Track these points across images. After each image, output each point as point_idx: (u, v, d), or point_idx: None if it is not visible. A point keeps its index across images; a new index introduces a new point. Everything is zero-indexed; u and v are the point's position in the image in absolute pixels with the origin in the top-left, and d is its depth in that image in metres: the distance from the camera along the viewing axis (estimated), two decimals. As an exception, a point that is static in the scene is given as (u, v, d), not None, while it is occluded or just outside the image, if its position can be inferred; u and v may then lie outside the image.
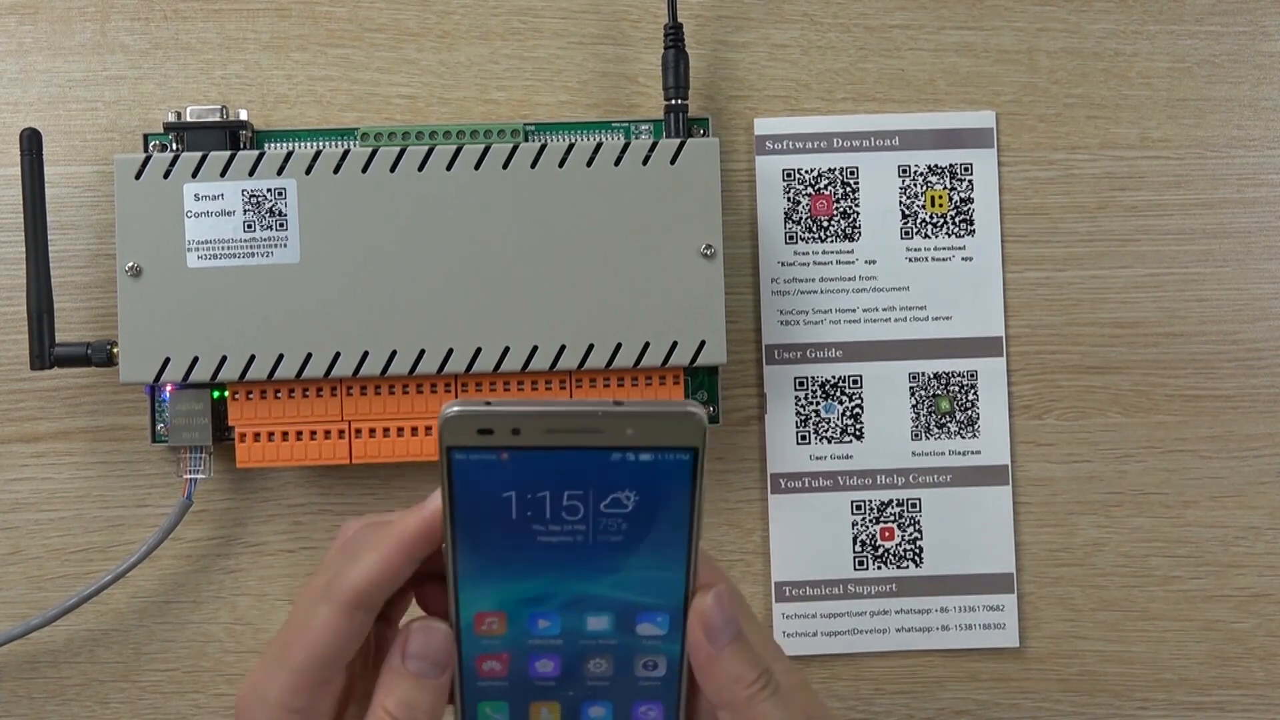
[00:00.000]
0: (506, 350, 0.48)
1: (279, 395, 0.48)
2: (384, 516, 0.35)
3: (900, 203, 0.52)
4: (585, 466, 0.32)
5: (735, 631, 0.34)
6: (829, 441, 0.52)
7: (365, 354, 0.48)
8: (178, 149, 0.49)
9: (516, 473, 0.32)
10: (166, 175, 0.47)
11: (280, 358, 0.47)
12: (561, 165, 0.48)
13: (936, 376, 0.52)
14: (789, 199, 0.52)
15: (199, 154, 0.48)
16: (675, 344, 0.48)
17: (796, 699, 0.34)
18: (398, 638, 0.34)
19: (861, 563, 0.52)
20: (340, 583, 0.33)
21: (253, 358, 0.47)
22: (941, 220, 0.52)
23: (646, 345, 0.48)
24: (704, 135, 0.51)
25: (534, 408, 0.31)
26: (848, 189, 0.52)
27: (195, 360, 0.47)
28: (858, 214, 0.52)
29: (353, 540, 0.35)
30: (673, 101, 0.50)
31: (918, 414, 0.52)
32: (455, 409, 0.31)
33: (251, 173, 0.48)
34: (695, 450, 0.32)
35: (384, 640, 0.36)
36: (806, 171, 0.52)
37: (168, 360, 0.47)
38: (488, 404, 0.31)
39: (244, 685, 0.34)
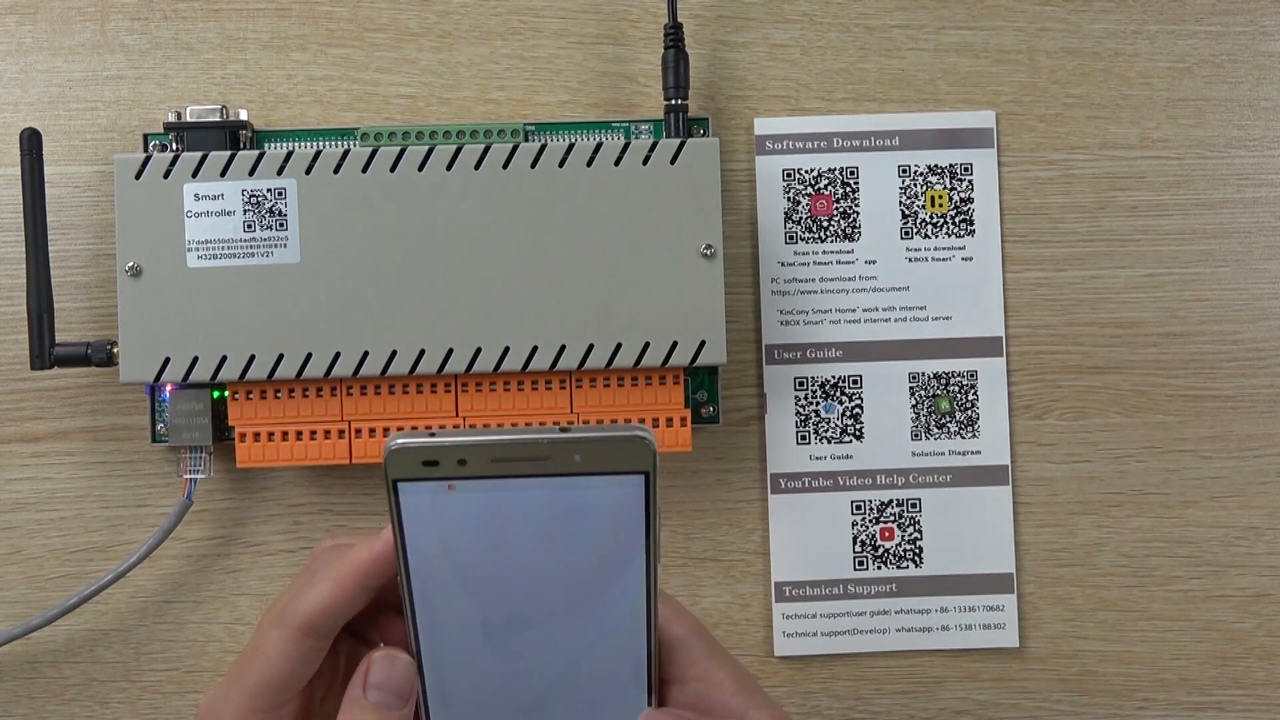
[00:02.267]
0: (506, 350, 0.48)
1: (279, 395, 0.48)
2: (352, 538, 0.35)
3: (900, 203, 0.52)
4: (534, 496, 0.31)
5: None
6: (829, 441, 0.52)
7: (365, 354, 0.48)
8: (178, 149, 0.49)
9: (464, 504, 0.31)
10: (166, 175, 0.47)
11: (280, 358, 0.47)
12: (561, 165, 0.48)
13: (936, 376, 0.52)
14: (789, 199, 0.52)
15: (199, 154, 0.48)
16: (675, 344, 0.48)
17: None
18: (359, 668, 0.33)
19: (861, 563, 0.52)
20: (294, 608, 0.33)
21: (253, 358, 0.47)
22: (941, 220, 0.52)
23: (646, 345, 0.48)
24: (704, 135, 0.51)
25: (479, 438, 0.31)
26: (848, 189, 0.52)
27: (195, 360, 0.47)
28: (858, 214, 0.52)
29: (315, 561, 0.35)
30: (673, 101, 0.50)
31: (918, 414, 0.52)
32: (399, 442, 0.31)
33: (251, 173, 0.48)
34: (646, 474, 0.31)
35: (357, 661, 0.35)
36: (806, 171, 0.52)
37: (168, 360, 0.47)
38: (432, 434, 0.31)
39: (204, 702, 0.34)
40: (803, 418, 0.52)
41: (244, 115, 0.49)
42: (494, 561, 0.32)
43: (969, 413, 0.52)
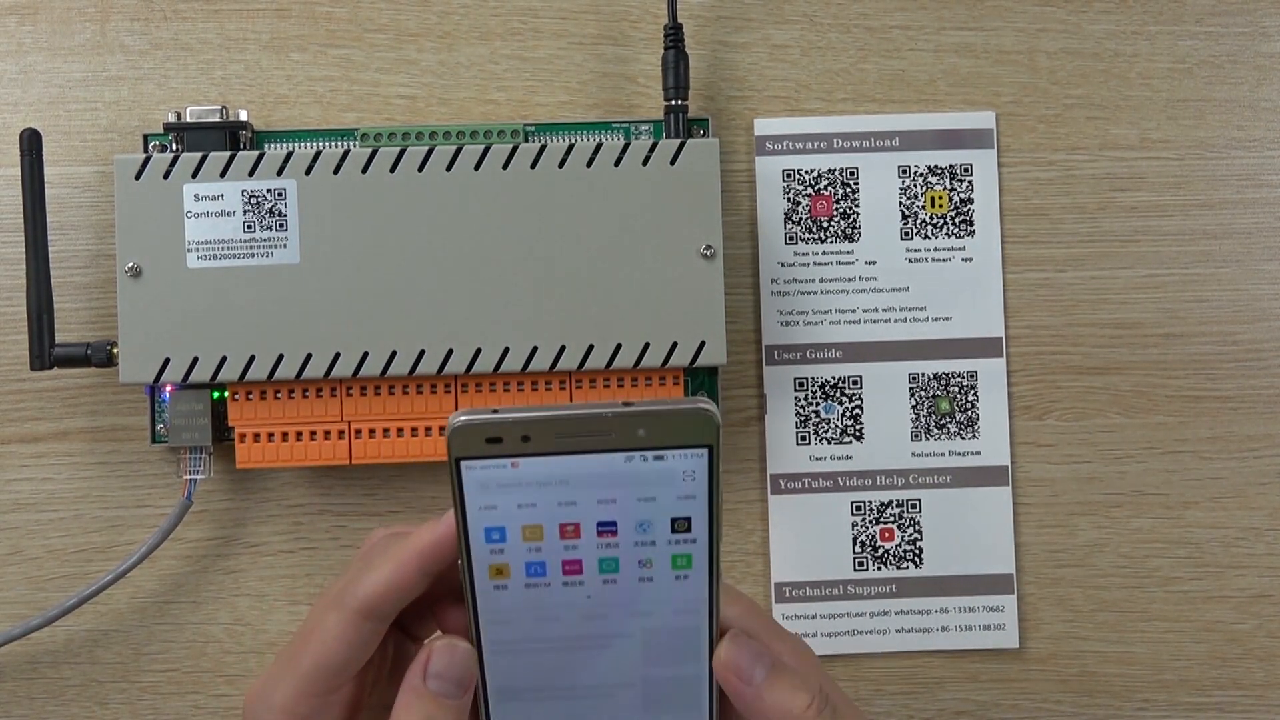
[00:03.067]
0: (506, 351, 0.48)
1: (279, 396, 0.48)
2: (407, 527, 0.34)
3: (900, 203, 0.52)
4: (599, 472, 0.31)
5: (768, 664, 0.33)
6: (829, 442, 0.52)
7: (365, 354, 0.47)
8: (177, 149, 0.49)
9: (529, 482, 0.31)
10: (166, 175, 0.47)
11: (280, 358, 0.47)
12: (561, 166, 0.48)
13: (936, 377, 0.52)
14: (789, 199, 0.52)
15: (199, 154, 0.48)
16: (675, 344, 0.48)
17: (852, 716, 0.34)
18: (419, 655, 0.33)
19: (861, 563, 0.52)
20: (352, 590, 0.33)
21: (252, 358, 0.47)
22: (941, 221, 0.52)
23: (646, 346, 0.48)
24: (704, 136, 0.50)
25: (543, 413, 0.30)
26: (848, 189, 0.52)
27: (195, 360, 0.47)
28: (858, 214, 0.52)
29: (372, 549, 0.34)
30: (673, 102, 0.50)
31: (918, 415, 0.52)
32: (462, 418, 0.30)
33: (251, 173, 0.48)
34: (710, 448, 0.31)
35: (405, 655, 0.36)
36: (806, 172, 0.52)
37: (167, 360, 0.47)
38: (495, 411, 0.30)
39: (253, 687, 0.34)
40: (803, 418, 0.52)
41: (244, 116, 0.49)
42: (556, 543, 0.32)
43: (969, 413, 0.52)
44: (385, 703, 0.34)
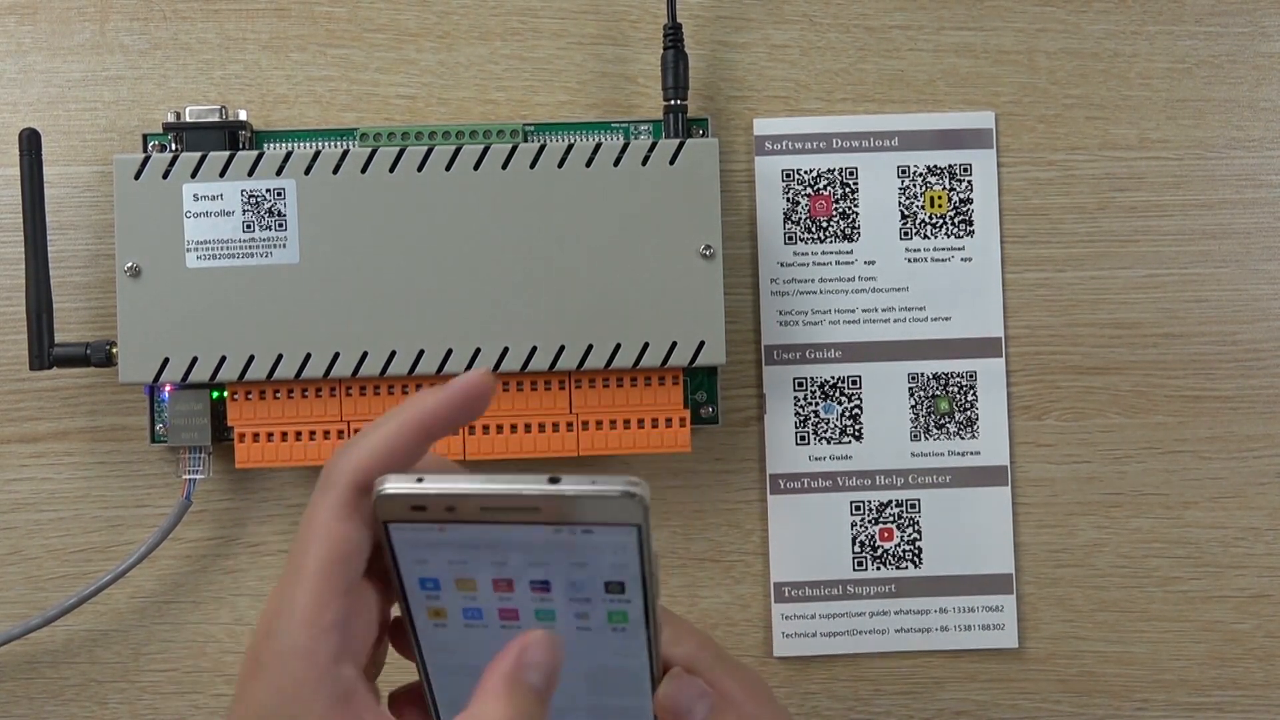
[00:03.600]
0: (506, 350, 0.48)
1: (278, 395, 0.48)
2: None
3: (899, 203, 0.52)
4: (527, 541, 0.31)
5: (709, 702, 0.34)
6: (828, 442, 0.52)
7: (364, 354, 0.47)
8: (177, 149, 0.49)
9: (457, 545, 0.31)
10: (166, 175, 0.47)
11: (279, 358, 0.47)
12: (561, 166, 0.48)
13: (936, 377, 0.52)
14: (788, 199, 0.52)
15: (198, 154, 0.48)
16: (674, 344, 0.48)
17: None
18: (512, 645, 0.31)
19: (860, 563, 0.52)
20: (340, 466, 0.31)
21: (252, 358, 0.47)
22: (941, 221, 0.52)
23: (646, 345, 0.48)
24: (703, 136, 0.50)
25: (467, 486, 0.30)
26: (847, 189, 0.52)
27: (194, 360, 0.47)
28: (857, 214, 0.52)
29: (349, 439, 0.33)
30: (672, 102, 0.50)
31: (917, 415, 0.52)
32: (388, 487, 0.30)
33: (251, 173, 0.48)
34: (639, 527, 0.30)
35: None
36: (806, 172, 0.52)
37: (167, 360, 0.47)
38: (420, 480, 0.30)
39: (264, 611, 0.32)
40: (802, 418, 0.52)
41: (243, 115, 0.49)
42: (488, 603, 0.32)
43: (968, 413, 0.52)
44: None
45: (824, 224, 0.52)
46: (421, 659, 0.33)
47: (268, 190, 0.48)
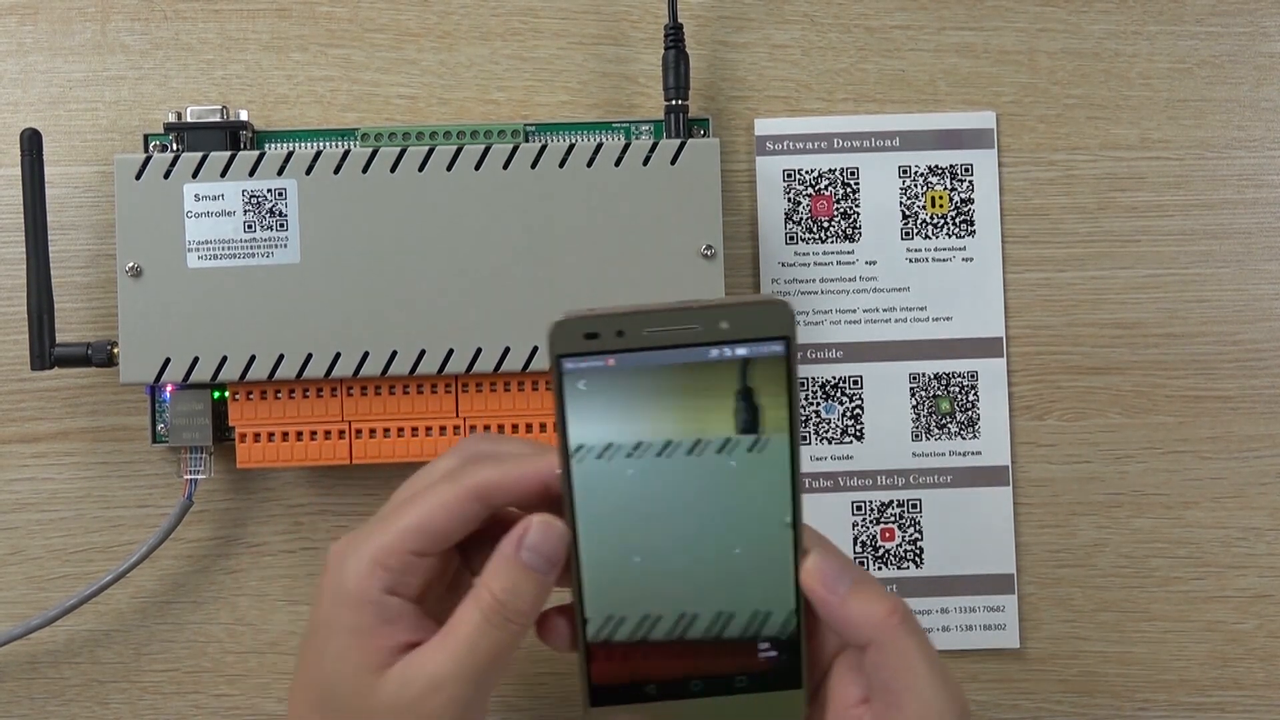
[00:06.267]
0: (507, 351, 0.48)
1: (279, 395, 0.48)
2: (503, 440, 0.39)
3: (901, 203, 0.52)
4: (686, 367, 0.34)
5: (852, 576, 0.36)
6: (829, 442, 0.52)
7: (365, 354, 0.48)
8: (178, 149, 0.49)
9: (622, 378, 0.34)
10: (167, 175, 0.48)
11: (280, 358, 0.47)
12: (562, 166, 0.48)
13: (937, 377, 0.52)
14: (789, 199, 0.52)
15: (199, 154, 0.48)
16: (675, 344, 0.48)
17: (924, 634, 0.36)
18: (515, 528, 0.35)
19: (862, 563, 0.52)
20: (471, 472, 0.36)
21: (253, 358, 0.47)
22: (942, 221, 0.52)
23: (647, 346, 0.48)
24: (704, 136, 0.50)
25: (633, 309, 0.34)
26: (848, 189, 0.52)
27: (195, 360, 0.47)
28: (858, 214, 0.52)
29: (481, 447, 0.38)
30: (673, 102, 0.50)
31: (918, 415, 0.52)
32: (562, 316, 0.34)
33: (252, 173, 0.48)
34: (787, 340, 0.34)
35: (460, 582, 0.39)
36: (807, 172, 0.52)
37: (168, 360, 0.47)
38: (592, 310, 0.34)
39: (340, 542, 0.36)
40: (803, 418, 0.52)
41: (244, 115, 0.49)
42: (646, 441, 0.34)
43: (969, 413, 0.52)
44: (436, 617, 0.36)
45: (825, 224, 0.52)
46: (572, 513, 0.35)
47: (269, 190, 0.48)
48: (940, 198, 0.52)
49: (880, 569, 0.52)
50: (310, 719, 0.36)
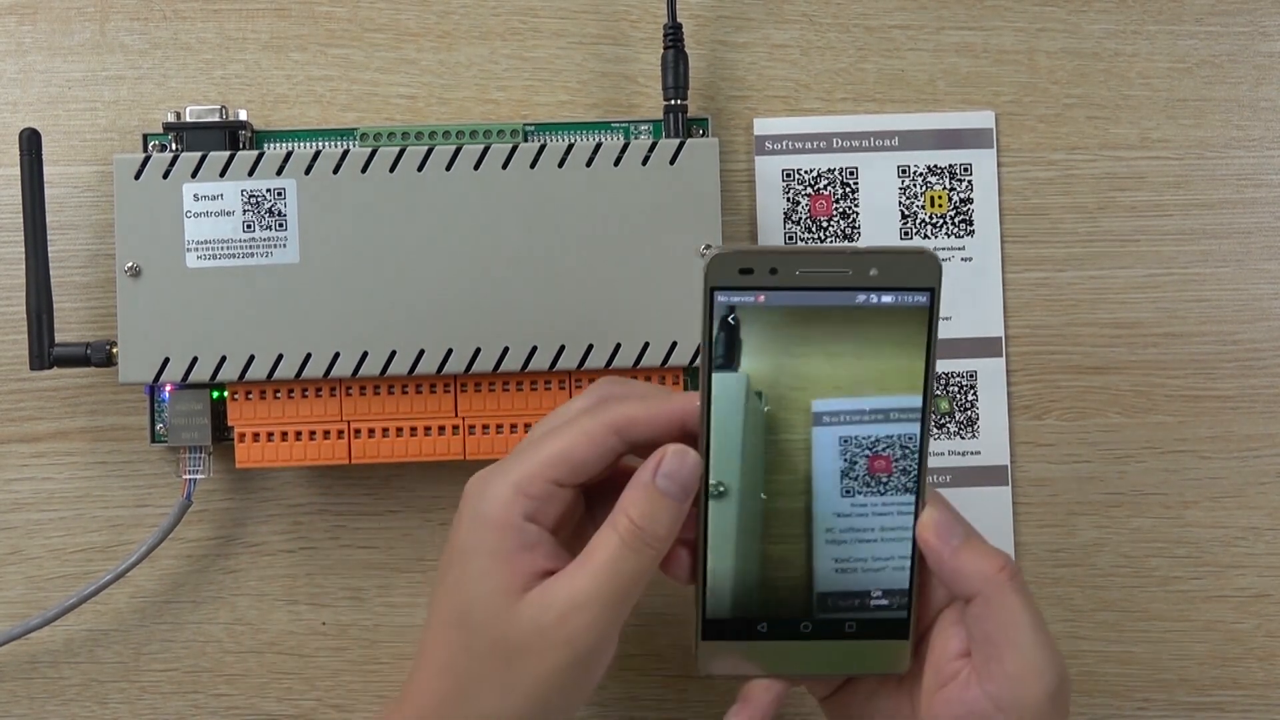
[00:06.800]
0: (506, 350, 0.48)
1: (278, 395, 0.48)
2: (634, 384, 0.41)
3: (900, 203, 0.52)
4: (832, 310, 0.35)
5: (965, 530, 0.37)
6: (828, 442, 0.52)
7: (365, 354, 0.48)
8: (177, 149, 0.49)
9: (770, 315, 0.35)
10: (166, 175, 0.48)
11: (280, 358, 0.47)
12: (561, 165, 0.48)
13: (936, 377, 0.52)
14: (788, 199, 0.52)
15: (198, 154, 0.48)
16: (675, 344, 0.48)
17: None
18: (652, 457, 0.37)
19: (861, 563, 0.52)
20: (610, 408, 0.37)
21: (252, 358, 0.47)
22: (941, 221, 0.52)
23: (646, 345, 0.48)
24: (703, 135, 0.50)
25: (788, 249, 0.36)
26: (847, 189, 0.52)
27: (195, 360, 0.47)
28: (857, 214, 0.52)
29: (614, 389, 0.39)
30: (672, 102, 0.50)
31: (917, 414, 0.52)
32: (719, 250, 0.35)
33: (251, 173, 0.48)
34: (932, 291, 0.35)
35: (585, 526, 0.40)
36: (806, 172, 0.52)
37: (167, 360, 0.47)
38: (749, 246, 0.36)
39: (480, 473, 0.38)
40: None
41: (243, 115, 0.49)
42: (788, 374, 0.36)
43: (968, 413, 0.52)
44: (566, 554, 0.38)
45: (824, 224, 0.52)
46: (707, 445, 0.36)
47: (268, 190, 0.48)
48: (939, 197, 0.52)
49: (879, 569, 0.52)
50: (450, 634, 0.38)
